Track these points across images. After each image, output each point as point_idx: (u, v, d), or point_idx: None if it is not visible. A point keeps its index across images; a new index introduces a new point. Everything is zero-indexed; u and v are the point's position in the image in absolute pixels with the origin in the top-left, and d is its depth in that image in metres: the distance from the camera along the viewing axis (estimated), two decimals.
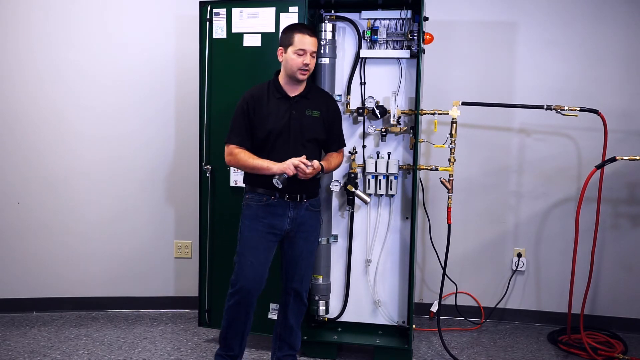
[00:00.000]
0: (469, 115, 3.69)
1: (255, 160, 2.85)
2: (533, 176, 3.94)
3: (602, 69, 3.82)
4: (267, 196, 2.90)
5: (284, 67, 2.88)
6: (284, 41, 2.86)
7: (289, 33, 2.85)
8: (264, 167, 2.83)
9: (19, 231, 4.03)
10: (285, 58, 2.86)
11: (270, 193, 2.89)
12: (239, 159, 2.88)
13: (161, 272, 4.15)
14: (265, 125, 2.86)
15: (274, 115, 2.87)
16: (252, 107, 2.86)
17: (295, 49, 2.82)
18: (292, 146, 2.88)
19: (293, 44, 2.82)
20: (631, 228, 3.86)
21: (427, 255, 4.03)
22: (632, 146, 3.77)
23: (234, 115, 2.91)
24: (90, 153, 4.03)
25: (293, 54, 2.82)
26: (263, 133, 2.86)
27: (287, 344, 3.11)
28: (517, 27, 3.88)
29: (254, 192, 2.93)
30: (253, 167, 2.86)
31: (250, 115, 2.86)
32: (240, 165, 2.91)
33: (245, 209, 2.95)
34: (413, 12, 3.27)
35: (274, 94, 2.90)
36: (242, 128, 2.88)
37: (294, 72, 2.85)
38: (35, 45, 3.94)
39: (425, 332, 3.84)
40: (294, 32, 2.84)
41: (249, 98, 2.89)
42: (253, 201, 2.92)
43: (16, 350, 3.47)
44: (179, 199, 4.09)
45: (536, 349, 3.61)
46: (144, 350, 3.51)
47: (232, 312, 2.94)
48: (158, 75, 4.01)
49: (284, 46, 2.86)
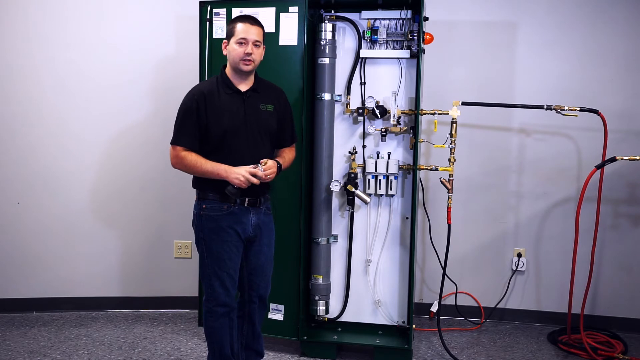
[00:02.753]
0: (469, 115, 3.69)
1: (207, 164, 2.65)
2: (533, 176, 3.94)
3: (602, 69, 3.82)
4: (227, 204, 2.71)
5: (229, 59, 2.73)
6: (228, 33, 2.74)
7: (232, 24, 2.73)
8: (219, 173, 2.64)
9: (19, 231, 4.03)
10: (228, 50, 2.72)
11: (230, 200, 2.71)
12: (187, 162, 2.67)
13: (161, 272, 4.15)
14: (220, 124, 2.67)
15: (229, 112, 2.69)
16: (202, 105, 2.66)
17: (237, 38, 2.67)
18: (251, 144, 2.73)
19: (234, 34, 2.69)
20: (631, 228, 3.86)
21: (427, 255, 4.03)
22: (632, 146, 3.77)
23: (180, 114, 2.70)
24: (90, 153, 4.03)
25: (235, 44, 2.68)
26: (218, 132, 2.67)
27: (254, 351, 3.00)
28: (517, 27, 3.88)
29: (210, 201, 2.72)
30: (204, 172, 2.67)
31: (200, 113, 2.66)
32: (189, 169, 2.69)
33: (204, 221, 2.73)
34: (413, 12, 3.27)
35: (224, 89, 2.72)
36: (190, 128, 2.67)
37: (236, 62, 2.69)
38: (33, 45, 3.94)
39: (425, 332, 3.84)
40: (236, 22, 2.72)
41: (198, 95, 2.68)
42: (213, 211, 2.72)
43: (16, 350, 3.47)
44: (179, 199, 4.09)
45: (536, 349, 3.61)
46: (144, 350, 3.51)
47: (219, 327, 2.78)
48: (158, 75, 4.01)
49: (227, 38, 2.73)
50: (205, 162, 2.67)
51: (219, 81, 2.75)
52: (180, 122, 2.70)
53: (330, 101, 3.33)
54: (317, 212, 3.38)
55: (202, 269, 2.81)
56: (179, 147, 2.69)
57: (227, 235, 2.74)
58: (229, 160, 2.68)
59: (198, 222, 2.76)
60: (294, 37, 3.24)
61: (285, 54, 3.26)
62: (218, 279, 2.75)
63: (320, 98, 3.31)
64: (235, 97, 2.74)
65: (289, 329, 3.38)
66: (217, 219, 2.73)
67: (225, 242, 2.74)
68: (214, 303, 2.77)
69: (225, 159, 2.68)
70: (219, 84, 2.74)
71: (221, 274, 2.75)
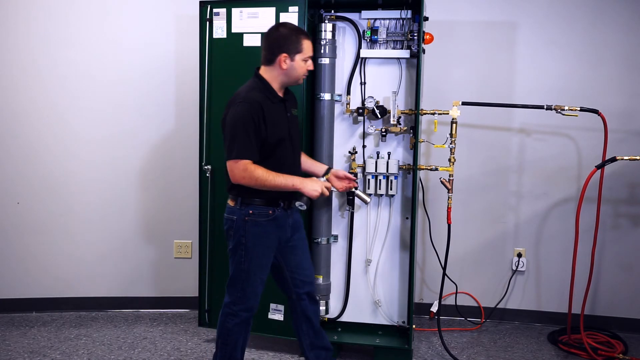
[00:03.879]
0: (469, 115, 3.69)
1: (279, 178, 2.63)
2: (533, 176, 3.94)
3: (602, 69, 3.82)
4: (272, 208, 2.72)
5: (286, 73, 2.70)
6: (291, 47, 2.66)
7: (295, 38, 2.67)
8: (294, 185, 2.66)
9: (19, 231, 4.03)
10: (291, 65, 2.68)
11: (275, 204, 2.73)
12: (257, 176, 2.60)
13: (161, 272, 4.15)
14: (275, 133, 2.67)
15: (279, 121, 2.70)
16: (261, 116, 2.62)
17: (305, 56, 2.69)
18: (295, 150, 2.81)
19: (302, 51, 2.68)
20: (631, 228, 3.86)
21: (427, 255, 4.03)
22: (632, 146, 3.77)
23: (240, 126, 2.59)
24: (90, 153, 4.03)
25: (302, 60, 2.69)
26: (273, 141, 2.67)
27: (321, 348, 2.97)
28: (517, 27, 3.88)
29: (257, 206, 2.71)
30: (276, 185, 2.63)
31: (260, 125, 2.61)
32: (258, 183, 2.61)
33: (250, 226, 2.71)
34: (413, 12, 3.27)
35: (270, 98, 2.70)
36: (252, 139, 2.60)
37: (297, 78, 2.73)
38: (34, 44, 3.94)
39: (425, 332, 3.84)
40: (301, 38, 2.68)
41: (256, 105, 2.62)
42: (260, 216, 2.71)
43: (16, 350, 3.47)
44: (179, 199, 4.09)
45: (536, 349, 3.61)
46: (144, 350, 3.51)
47: (239, 330, 2.79)
48: (158, 75, 4.01)
49: (290, 53, 2.67)
50: (276, 175, 2.64)
51: (262, 89, 2.70)
52: (242, 135, 2.60)
53: (330, 101, 3.33)
54: (317, 212, 3.38)
55: (236, 274, 2.77)
56: (244, 160, 2.61)
57: (270, 241, 2.76)
58: (277, 168, 2.68)
59: (242, 227, 2.71)
60: None
61: None
62: (251, 284, 2.76)
63: (320, 98, 3.31)
64: (279, 105, 2.74)
65: (289, 329, 3.37)
66: (264, 225, 2.72)
67: (268, 247, 2.76)
68: (240, 307, 2.77)
69: (275, 166, 2.68)
70: (264, 92, 2.69)
71: (255, 280, 2.76)
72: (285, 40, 2.68)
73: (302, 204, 2.71)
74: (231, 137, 2.61)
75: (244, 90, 2.69)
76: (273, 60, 2.69)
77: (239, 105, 2.62)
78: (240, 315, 2.78)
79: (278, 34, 2.70)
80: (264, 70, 2.74)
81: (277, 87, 2.74)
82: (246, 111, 2.60)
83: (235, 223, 2.72)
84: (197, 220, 3.53)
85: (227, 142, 2.64)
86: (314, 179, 2.77)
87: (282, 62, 2.68)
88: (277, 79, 2.73)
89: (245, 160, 2.60)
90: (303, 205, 2.71)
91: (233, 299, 2.79)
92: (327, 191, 2.74)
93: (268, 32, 2.74)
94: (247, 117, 2.59)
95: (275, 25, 2.78)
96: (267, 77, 2.72)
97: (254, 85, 2.71)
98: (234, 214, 2.73)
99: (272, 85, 2.72)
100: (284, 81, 2.74)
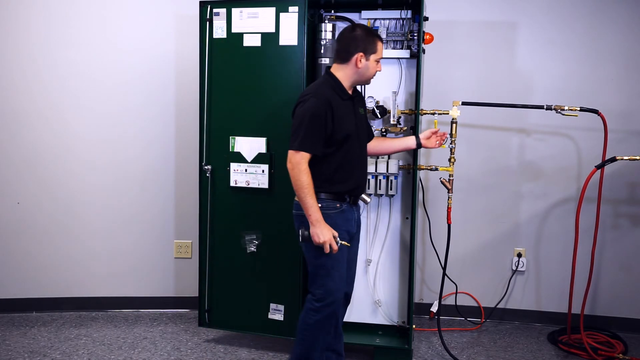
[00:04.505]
0: (469, 115, 3.69)
1: (312, 198, 2.67)
2: (533, 176, 3.94)
3: (602, 69, 3.82)
4: (339, 202, 2.79)
5: (359, 72, 2.78)
6: (367, 47, 2.75)
7: (371, 40, 2.77)
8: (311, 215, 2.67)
9: (19, 231, 4.03)
10: (365, 65, 2.77)
11: (342, 199, 2.80)
12: (303, 177, 2.66)
13: (161, 272, 4.15)
14: (342, 130, 2.73)
15: (347, 118, 2.77)
16: (329, 112, 2.69)
17: (378, 57, 2.79)
18: (362, 146, 2.88)
19: (376, 52, 2.77)
20: (631, 228, 3.86)
21: (427, 255, 4.03)
22: (632, 146, 3.77)
23: (306, 120, 2.66)
24: (90, 153, 4.03)
25: (374, 62, 2.78)
26: (339, 137, 2.73)
27: (334, 352, 3.02)
28: (517, 27, 3.88)
29: (323, 200, 2.76)
30: (304, 199, 2.67)
31: (327, 121, 2.68)
32: (298, 183, 2.67)
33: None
34: (413, 12, 3.27)
35: (340, 95, 2.77)
36: (317, 134, 2.68)
37: (369, 78, 2.83)
38: (34, 44, 3.94)
39: (425, 332, 3.84)
40: (376, 39, 2.78)
41: (325, 101, 2.69)
42: (329, 209, 2.76)
43: (16, 350, 3.47)
44: (179, 199, 4.09)
45: (536, 349, 3.61)
46: (144, 350, 3.51)
47: (320, 326, 2.80)
48: (158, 75, 4.01)
49: (366, 52, 2.76)
50: (313, 194, 2.68)
51: (332, 86, 2.77)
52: (307, 128, 2.67)
53: None
54: None
55: (315, 270, 2.80)
56: (304, 152, 2.68)
57: (341, 233, 2.77)
58: (345, 163, 2.77)
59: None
60: (294, 37, 3.24)
61: (285, 54, 3.26)
62: (331, 279, 2.78)
63: None
64: (348, 103, 2.81)
65: (289, 329, 3.38)
66: (334, 217, 2.77)
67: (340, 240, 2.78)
68: (322, 303, 2.78)
69: (342, 162, 2.76)
70: (334, 89, 2.77)
71: (334, 274, 2.79)
72: (362, 41, 2.76)
73: (301, 234, 2.73)
74: (296, 129, 2.69)
75: (315, 86, 2.79)
76: (348, 58, 2.77)
77: (308, 100, 2.70)
78: (322, 311, 2.79)
79: (356, 34, 2.78)
80: (336, 69, 2.82)
81: (347, 85, 2.81)
82: (315, 106, 2.68)
83: (307, 219, 2.73)
84: (197, 220, 3.53)
85: (292, 133, 2.71)
86: (329, 227, 2.71)
87: (358, 61, 2.76)
88: (350, 77, 2.80)
89: (304, 153, 2.68)
90: (302, 235, 2.72)
91: (315, 295, 2.80)
92: (333, 248, 2.69)
93: (344, 33, 2.83)
94: (315, 112, 2.67)
95: (351, 26, 2.87)
96: (339, 75, 2.80)
97: (324, 82, 2.80)
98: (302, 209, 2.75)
99: (343, 83, 2.80)
100: (356, 80, 2.82)
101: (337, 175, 2.78)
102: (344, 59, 2.78)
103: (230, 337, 3.69)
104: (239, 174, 3.37)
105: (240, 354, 3.48)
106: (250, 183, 3.36)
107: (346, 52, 2.77)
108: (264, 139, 3.32)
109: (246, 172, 3.36)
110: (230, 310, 3.49)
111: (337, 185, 2.78)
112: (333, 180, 2.78)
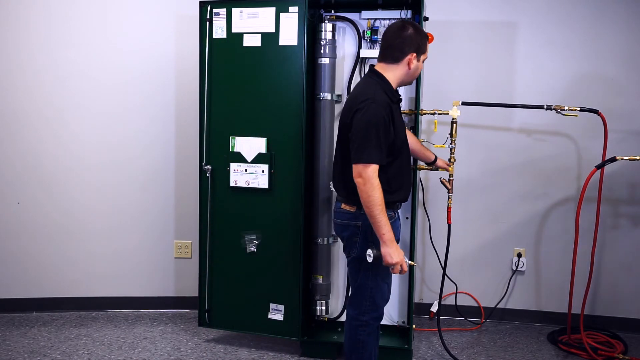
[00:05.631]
0: (469, 115, 3.70)
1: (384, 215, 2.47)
2: (533, 176, 3.94)
3: (602, 69, 3.81)
4: (393, 211, 2.68)
5: (409, 73, 2.63)
6: (420, 47, 2.61)
7: (423, 39, 2.63)
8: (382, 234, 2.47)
9: (19, 231, 4.03)
10: (416, 65, 2.62)
11: (394, 208, 2.69)
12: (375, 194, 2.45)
13: (161, 272, 4.15)
14: (401, 135, 2.60)
15: (401, 122, 2.66)
16: (390, 118, 2.52)
17: (425, 58, 2.68)
18: (409, 152, 2.76)
19: (426, 52, 2.66)
20: (631, 228, 3.86)
21: (427, 255, 4.03)
22: (632, 146, 3.77)
23: (373, 127, 2.46)
24: (90, 153, 4.03)
25: (422, 62, 2.66)
26: (399, 143, 2.59)
27: None
28: (517, 27, 3.88)
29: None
30: (375, 216, 2.46)
31: (389, 127, 2.51)
32: (368, 198, 2.45)
33: None
34: (413, 12, 3.27)
35: (391, 98, 2.61)
36: (382, 142, 2.48)
37: (414, 77, 2.70)
38: (34, 44, 3.94)
39: (425, 332, 3.84)
40: (427, 38, 2.66)
41: (386, 107, 2.52)
42: None
43: (16, 350, 3.47)
44: (179, 199, 4.09)
45: (536, 349, 3.61)
46: (144, 350, 3.51)
47: (372, 340, 2.74)
48: (158, 75, 4.01)
49: (419, 53, 2.61)
50: (384, 210, 2.48)
51: (385, 89, 2.60)
52: (373, 137, 2.47)
53: (330, 101, 3.33)
54: (317, 212, 3.38)
55: (364, 282, 2.70)
56: (374, 165, 2.47)
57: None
58: (399, 170, 2.63)
59: (370, 232, 2.58)
60: (294, 37, 3.24)
61: (285, 54, 3.26)
62: (380, 290, 2.71)
63: (321, 98, 3.31)
64: (397, 106, 2.68)
65: (289, 329, 3.38)
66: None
67: None
68: (369, 316, 2.72)
69: (398, 170, 2.63)
70: (386, 91, 2.60)
71: (383, 285, 2.72)
72: (415, 40, 2.60)
73: (370, 254, 2.55)
74: (362, 139, 2.48)
75: (369, 89, 2.58)
76: (401, 58, 2.60)
77: (370, 106, 2.49)
78: (371, 324, 2.74)
79: (410, 32, 2.59)
80: (384, 69, 2.64)
81: (395, 87, 2.66)
82: (378, 113, 2.48)
83: (361, 229, 2.62)
84: (197, 221, 3.53)
85: (356, 144, 2.49)
86: (399, 247, 2.56)
87: (411, 61, 2.61)
88: (400, 78, 2.64)
89: (374, 166, 2.47)
90: (371, 255, 2.55)
91: (363, 308, 2.72)
92: (404, 269, 2.53)
93: (394, 30, 2.62)
94: (379, 120, 2.48)
95: (400, 23, 2.65)
96: (389, 76, 2.63)
97: (376, 83, 2.60)
98: (359, 219, 2.62)
99: (392, 84, 2.64)
100: (404, 81, 2.67)
101: (393, 184, 2.62)
102: (395, 59, 2.60)
103: (230, 337, 3.69)
104: (239, 174, 3.37)
105: (240, 354, 3.48)
106: (250, 183, 3.36)
107: (400, 51, 2.58)
108: (264, 139, 3.32)
109: (246, 172, 3.37)
110: (230, 310, 3.49)
111: (393, 195, 2.63)
112: (390, 190, 2.60)
